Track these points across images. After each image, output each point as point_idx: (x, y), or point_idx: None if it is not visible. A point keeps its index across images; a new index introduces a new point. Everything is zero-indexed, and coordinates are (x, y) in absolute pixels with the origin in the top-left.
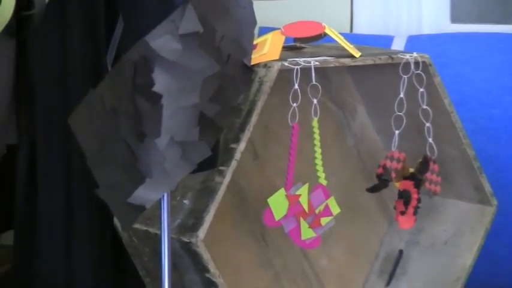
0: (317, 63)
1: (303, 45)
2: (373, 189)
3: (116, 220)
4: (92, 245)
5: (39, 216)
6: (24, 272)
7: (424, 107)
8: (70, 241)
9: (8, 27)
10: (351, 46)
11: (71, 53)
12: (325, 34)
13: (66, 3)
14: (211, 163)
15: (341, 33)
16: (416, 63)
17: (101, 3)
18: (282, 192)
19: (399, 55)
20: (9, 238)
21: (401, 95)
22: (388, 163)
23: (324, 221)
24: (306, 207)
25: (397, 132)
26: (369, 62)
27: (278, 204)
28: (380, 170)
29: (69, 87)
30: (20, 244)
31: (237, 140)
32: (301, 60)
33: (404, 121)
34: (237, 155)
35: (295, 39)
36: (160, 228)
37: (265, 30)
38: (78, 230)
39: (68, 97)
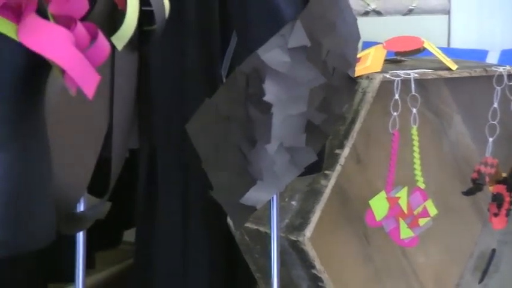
0: (416, 75)
1: (403, 58)
2: (468, 193)
3: (228, 219)
4: (207, 242)
5: (158, 215)
6: (144, 266)
7: None
8: (186, 238)
9: (130, 41)
10: (448, 59)
11: (188, 65)
12: (424, 48)
13: (185, 19)
14: (317, 167)
15: (439, 48)
16: (509, 76)
17: (216, 20)
18: (382, 194)
19: (493, 68)
20: (132, 235)
21: (495, 105)
22: (483, 168)
23: (422, 221)
24: (405, 208)
25: (491, 139)
26: (465, 74)
27: (379, 205)
28: (475, 175)
29: (186, 96)
30: (141, 241)
31: (341, 146)
32: (401, 72)
33: (498, 129)
34: (341, 160)
35: (396, 53)
36: (270, 227)
37: (368, 45)
38: (194, 228)
39: (185, 105)
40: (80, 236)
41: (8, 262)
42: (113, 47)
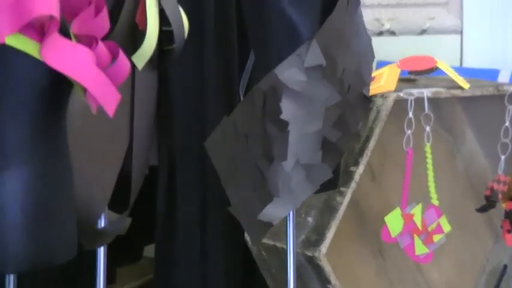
0: (429, 94)
1: (416, 77)
2: (481, 210)
3: (246, 235)
4: (224, 257)
5: (177, 231)
6: (163, 282)
7: None
8: (205, 253)
9: (151, 60)
10: (461, 78)
11: (206, 83)
12: (437, 67)
13: (204, 39)
14: (333, 184)
15: (451, 67)
16: None
17: (234, 40)
18: (397, 211)
19: (504, 87)
20: (152, 251)
21: (507, 124)
22: (495, 185)
23: (436, 238)
24: (419, 225)
25: (503, 157)
26: (477, 93)
27: (394, 222)
28: (488, 192)
29: (204, 114)
30: (160, 256)
31: (356, 163)
32: (415, 91)
33: (510, 147)
34: (356, 177)
35: (410, 72)
36: (286, 243)
37: (382, 64)
38: (212, 244)
39: (203, 123)
40: (101, 251)
41: (29, 276)
42: (133, 65)
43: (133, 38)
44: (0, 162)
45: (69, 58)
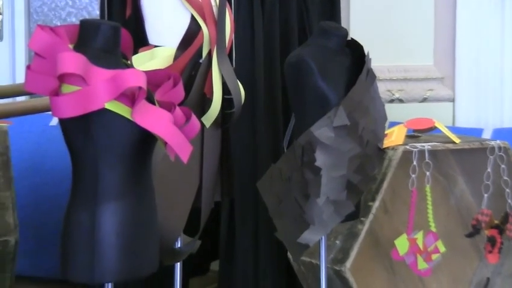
0: (429, 147)
1: (419, 134)
2: (469, 235)
3: (288, 254)
4: (272, 272)
5: (236, 251)
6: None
7: (505, 178)
8: (257, 269)
9: (215, 121)
10: (453, 135)
11: (258, 140)
12: (435, 127)
13: (256, 106)
14: (355, 215)
15: (446, 127)
16: (499, 148)
17: (279, 106)
18: (404, 236)
19: (487, 142)
20: (216, 265)
21: (489, 170)
22: (480, 217)
23: (434, 256)
24: (421, 246)
25: (485, 195)
26: (466, 146)
27: (402, 244)
28: (474, 222)
29: (257, 162)
30: (224, 270)
31: (373, 200)
32: (418, 145)
33: (491, 188)
34: (373, 210)
35: (414, 131)
36: (319, 260)
37: (393, 124)
38: (263, 262)
39: (256, 168)
40: (178, 266)
41: (122, 285)
42: (202, 125)
43: (202, 104)
44: (100, 199)
45: (154, 119)
